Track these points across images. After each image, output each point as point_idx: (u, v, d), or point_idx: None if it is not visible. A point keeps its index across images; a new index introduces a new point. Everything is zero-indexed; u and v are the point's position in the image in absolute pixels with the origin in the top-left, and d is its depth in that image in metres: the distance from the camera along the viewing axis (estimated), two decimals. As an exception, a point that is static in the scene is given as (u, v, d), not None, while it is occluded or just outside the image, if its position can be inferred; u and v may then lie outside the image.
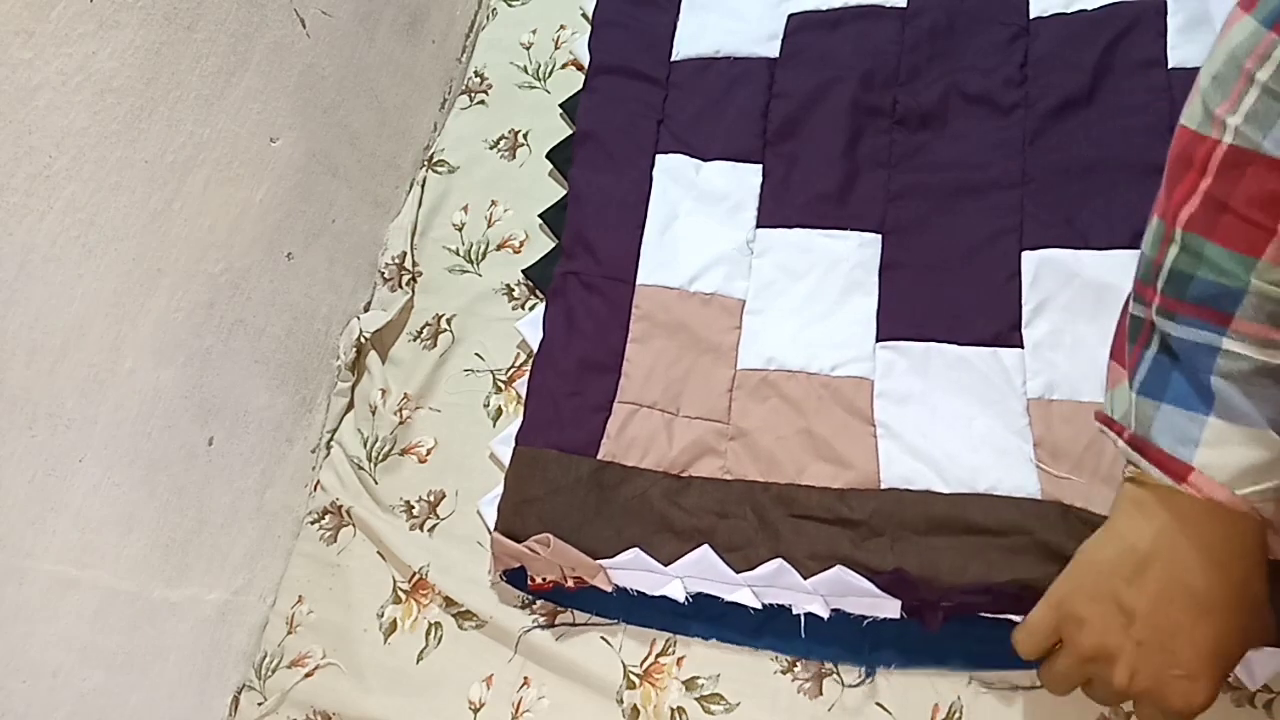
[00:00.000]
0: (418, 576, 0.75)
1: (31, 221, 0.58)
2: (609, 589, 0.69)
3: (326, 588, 0.78)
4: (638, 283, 0.81)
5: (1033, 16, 0.83)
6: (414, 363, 0.86)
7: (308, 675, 0.75)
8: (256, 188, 0.77)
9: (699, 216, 0.83)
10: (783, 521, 0.69)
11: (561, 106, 0.94)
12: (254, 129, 0.76)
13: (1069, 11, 0.82)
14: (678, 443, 0.74)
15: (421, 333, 0.88)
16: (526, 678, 0.70)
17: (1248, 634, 0.49)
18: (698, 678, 0.67)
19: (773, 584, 0.66)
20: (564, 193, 0.89)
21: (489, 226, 0.91)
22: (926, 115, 0.82)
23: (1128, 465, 0.51)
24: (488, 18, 1.04)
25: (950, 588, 0.62)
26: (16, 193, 0.57)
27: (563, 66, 0.97)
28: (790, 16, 0.90)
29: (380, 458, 0.83)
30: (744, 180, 0.84)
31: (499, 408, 0.82)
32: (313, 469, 0.85)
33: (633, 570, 0.69)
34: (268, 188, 0.78)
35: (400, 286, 0.89)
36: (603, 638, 0.70)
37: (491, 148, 0.95)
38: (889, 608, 0.64)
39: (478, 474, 0.78)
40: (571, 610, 0.71)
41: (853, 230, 0.79)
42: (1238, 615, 0.48)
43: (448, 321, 0.87)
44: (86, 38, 0.60)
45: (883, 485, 0.69)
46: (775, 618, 0.66)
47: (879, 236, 0.79)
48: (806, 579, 0.65)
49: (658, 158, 0.86)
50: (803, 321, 0.77)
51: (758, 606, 0.66)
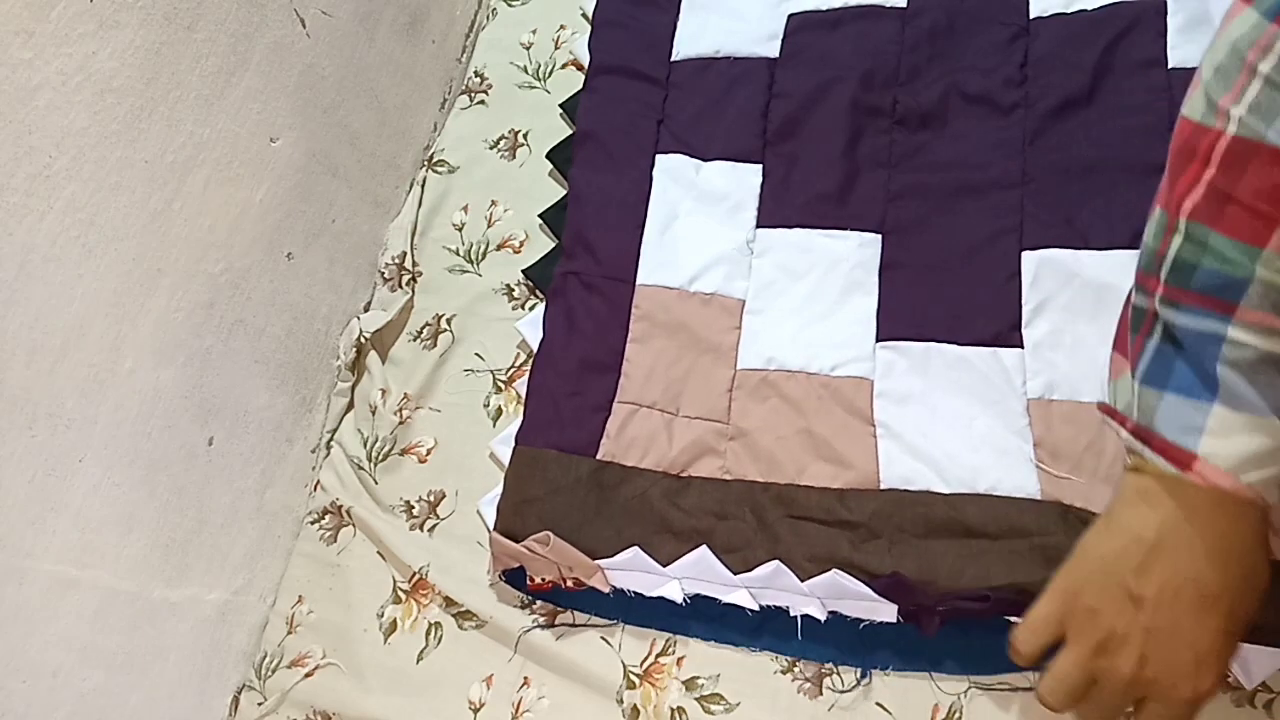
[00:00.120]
0: (418, 576, 0.75)
1: (31, 221, 0.58)
2: (607, 589, 0.69)
3: (326, 588, 0.78)
4: (638, 283, 0.81)
5: (1033, 16, 0.83)
6: (414, 363, 0.86)
7: (308, 675, 0.75)
8: (256, 188, 0.77)
9: (699, 216, 0.83)
10: (781, 523, 0.69)
11: (561, 106, 0.94)
12: (254, 129, 0.76)
13: (1069, 11, 0.82)
14: (677, 443, 0.74)
15: (421, 333, 0.88)
16: (526, 678, 0.70)
17: (1250, 620, 0.49)
18: (698, 678, 0.67)
19: (770, 586, 0.66)
20: (564, 193, 0.89)
21: (489, 226, 0.91)
22: (926, 115, 0.82)
23: (1130, 455, 0.51)
24: (488, 18, 1.04)
25: (947, 592, 0.62)
26: (16, 193, 0.57)
27: (563, 66, 0.97)
28: (790, 16, 0.90)
29: (380, 458, 0.83)
30: (744, 180, 0.84)
31: (499, 408, 0.82)
32: (313, 469, 0.85)
33: (631, 571, 0.69)
34: (268, 188, 0.78)
35: (400, 286, 0.89)
36: (602, 638, 0.70)
37: (491, 148, 0.95)
38: (886, 612, 0.64)
39: (478, 474, 0.78)
40: (571, 610, 0.71)
41: (853, 230, 0.79)
42: (1243, 601, 0.48)
43: (448, 321, 0.87)
44: (86, 38, 0.60)
45: (883, 485, 0.69)
46: (774, 619, 0.66)
47: (879, 236, 0.79)
48: (804, 581, 0.65)
49: (658, 158, 0.87)
50: (803, 321, 0.77)
51: (755, 608, 0.66)
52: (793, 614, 0.65)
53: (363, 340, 0.87)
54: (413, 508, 0.79)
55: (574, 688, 0.69)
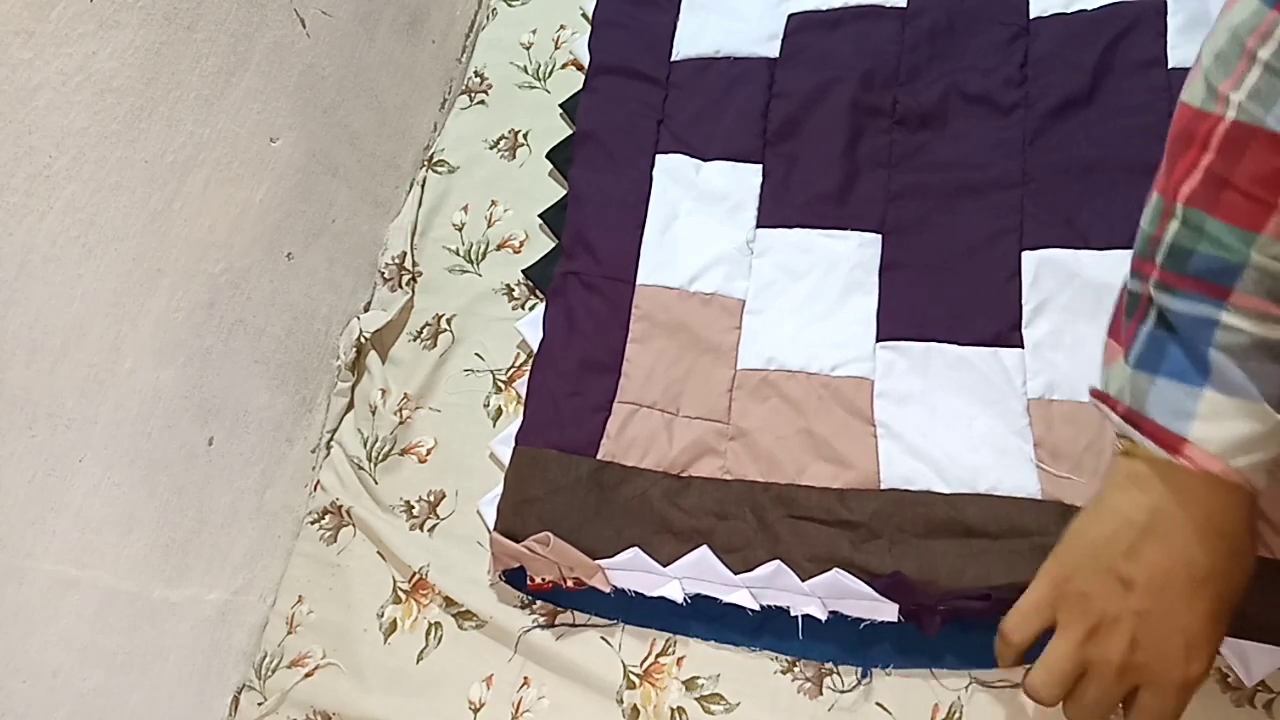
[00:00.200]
0: (418, 576, 0.75)
1: (31, 221, 0.58)
2: (607, 589, 0.69)
3: (326, 588, 0.78)
4: (638, 283, 0.81)
5: (1033, 16, 0.83)
6: (414, 363, 0.86)
7: (308, 675, 0.75)
8: (256, 188, 0.77)
9: (699, 216, 0.83)
10: (781, 523, 0.69)
11: (561, 106, 0.94)
12: (254, 129, 0.76)
13: (1069, 11, 0.82)
14: (678, 443, 0.74)
15: (421, 333, 0.88)
16: (526, 678, 0.70)
17: (1239, 603, 0.49)
18: (698, 678, 0.67)
19: (770, 586, 0.66)
20: (564, 193, 0.89)
21: (489, 226, 0.91)
22: (926, 115, 0.82)
23: (1121, 441, 0.51)
24: (488, 18, 1.04)
25: (948, 591, 0.62)
26: (16, 193, 0.57)
27: (563, 66, 0.97)
28: (790, 16, 0.90)
29: (380, 458, 0.83)
30: (744, 180, 0.84)
31: (499, 408, 0.82)
32: (313, 469, 0.85)
33: (632, 571, 0.69)
34: (268, 188, 0.78)
35: (400, 286, 0.89)
36: (602, 638, 0.70)
37: (491, 148, 0.95)
38: (887, 611, 0.64)
39: (478, 474, 0.78)
40: (571, 610, 0.71)
41: (853, 230, 0.79)
42: (1231, 584, 0.48)
43: (448, 321, 0.87)
44: (86, 38, 0.60)
45: (883, 485, 0.69)
46: (774, 618, 0.66)
47: (879, 236, 0.79)
48: (804, 581, 0.65)
49: (658, 158, 0.87)
50: (803, 321, 0.77)
51: (755, 608, 0.66)
52: (793, 614, 0.65)
53: (363, 340, 0.87)
54: (413, 508, 0.79)
55: (574, 688, 0.69)
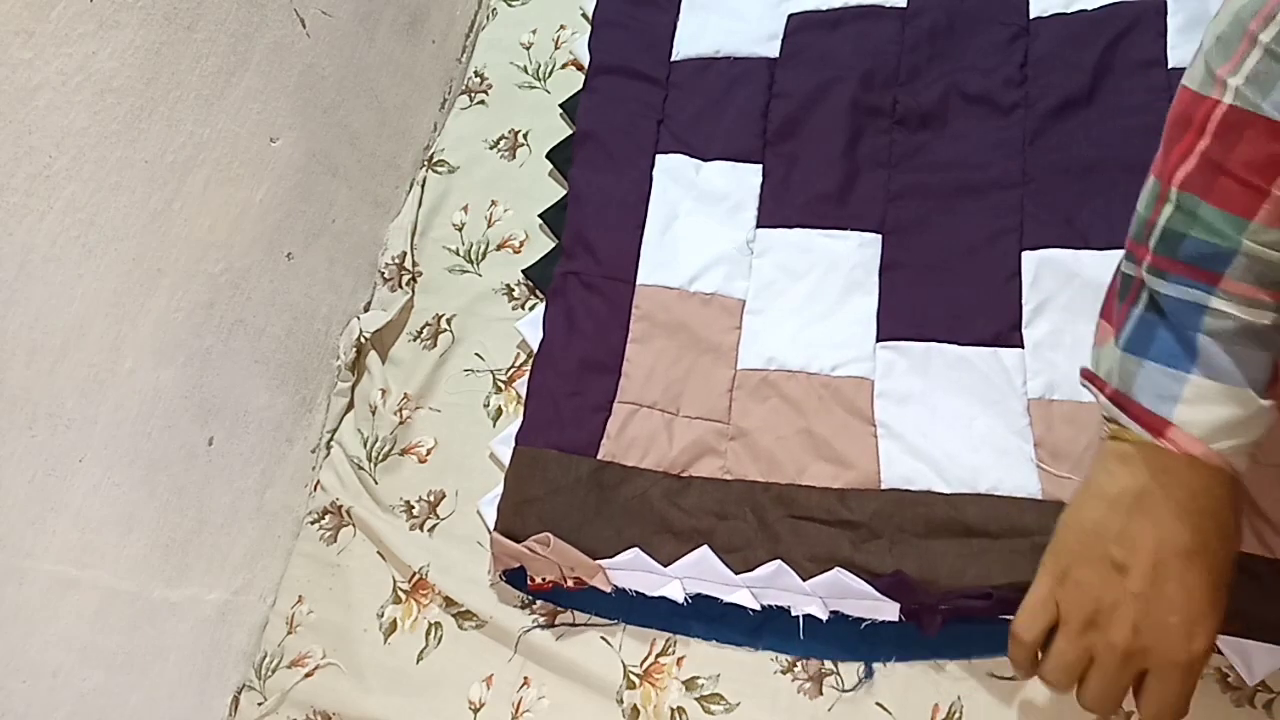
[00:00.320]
0: (418, 576, 0.75)
1: (31, 221, 0.58)
2: (608, 589, 0.69)
3: (326, 588, 0.78)
4: (638, 283, 0.81)
5: (1033, 16, 0.83)
6: (414, 363, 0.86)
7: (308, 675, 0.75)
8: (256, 188, 0.77)
9: (699, 216, 0.83)
10: (782, 523, 0.69)
11: (561, 106, 0.94)
12: (254, 129, 0.76)
13: (1069, 11, 0.82)
14: (678, 443, 0.74)
15: (421, 333, 0.88)
16: (526, 678, 0.70)
17: (1230, 578, 0.49)
18: (698, 678, 0.67)
19: (771, 585, 0.66)
20: (564, 193, 0.89)
21: (489, 226, 0.91)
22: (926, 115, 0.82)
23: (1108, 424, 0.51)
24: (488, 18, 1.04)
25: (949, 591, 0.62)
26: (16, 193, 0.57)
27: (563, 66, 0.97)
28: (790, 16, 0.90)
29: (380, 458, 0.83)
30: (744, 180, 0.84)
31: (499, 408, 0.82)
32: (313, 469, 0.85)
33: (632, 571, 0.69)
34: (268, 188, 0.78)
35: (400, 286, 0.89)
36: (603, 638, 0.70)
37: (491, 148, 0.95)
38: (888, 611, 0.64)
39: (478, 474, 0.78)
40: (571, 610, 0.71)
41: (853, 230, 0.79)
42: (1220, 559, 0.48)
43: (448, 321, 0.87)
44: (86, 38, 0.60)
45: (883, 485, 0.69)
46: (774, 618, 0.66)
47: (879, 236, 0.79)
48: (805, 581, 0.65)
49: (658, 158, 0.87)
50: (803, 321, 0.77)
51: (756, 608, 0.66)
52: (794, 614, 0.65)
53: (363, 340, 0.87)
54: (413, 508, 0.79)
55: (574, 688, 0.69)
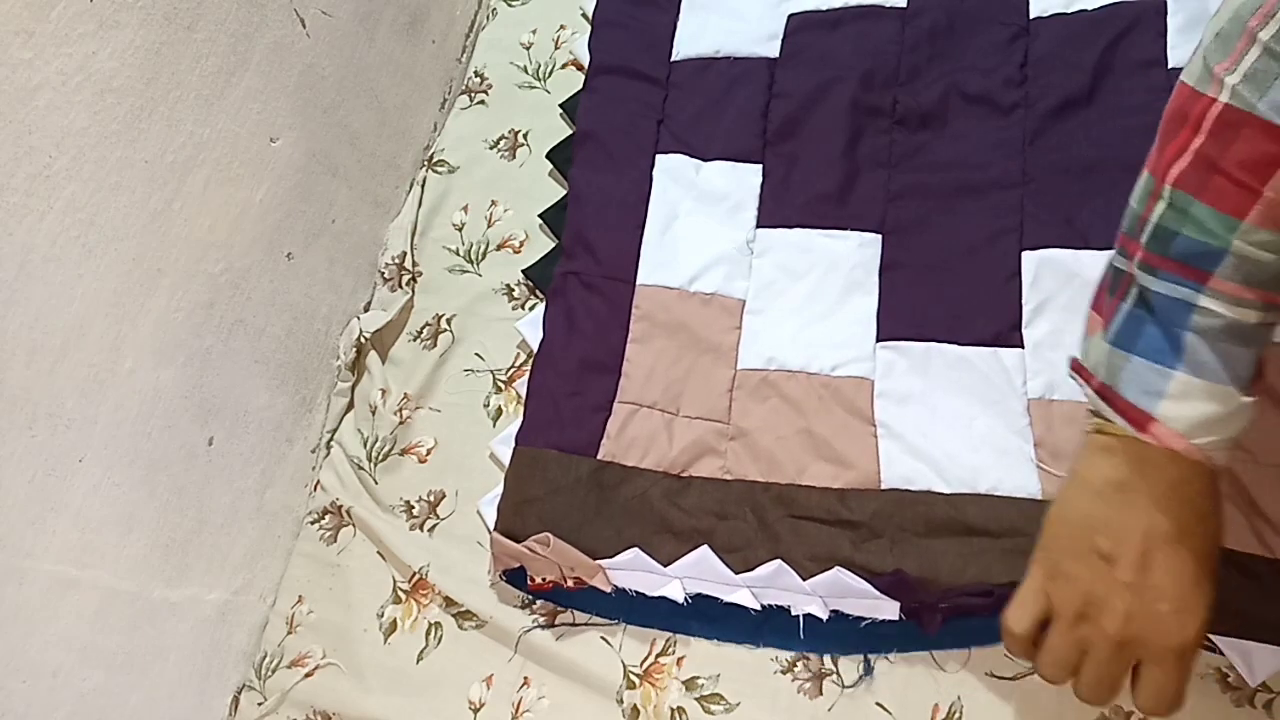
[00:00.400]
0: (418, 576, 0.75)
1: (31, 221, 0.58)
2: (608, 589, 0.69)
3: (326, 588, 0.78)
4: (638, 283, 0.81)
5: (1033, 16, 0.83)
6: (414, 363, 0.86)
7: (308, 675, 0.75)
8: (256, 188, 0.77)
9: (699, 216, 0.83)
10: (782, 523, 0.69)
11: (561, 106, 0.94)
12: (254, 129, 0.76)
13: (1069, 11, 0.82)
14: (678, 443, 0.74)
15: (421, 333, 0.88)
16: (526, 678, 0.70)
17: (1215, 563, 0.50)
18: (698, 678, 0.67)
19: (772, 585, 0.66)
20: (564, 193, 0.89)
21: (489, 226, 0.91)
22: (926, 115, 0.82)
23: (1092, 416, 0.52)
24: (488, 18, 1.04)
25: (948, 589, 0.62)
26: (16, 193, 0.57)
27: (563, 66, 0.97)
28: (790, 16, 0.90)
29: (380, 458, 0.83)
30: (744, 180, 0.84)
31: (499, 408, 0.82)
32: (313, 469, 0.85)
33: (632, 570, 0.69)
34: (268, 188, 0.78)
35: (400, 286, 0.89)
36: (603, 638, 0.70)
37: (491, 148, 0.95)
38: (888, 609, 0.64)
39: (478, 474, 0.78)
40: (571, 610, 0.71)
41: (853, 230, 0.79)
42: (1204, 543, 0.49)
43: (448, 321, 0.87)
44: (86, 38, 0.60)
45: (883, 485, 0.69)
46: (775, 618, 0.66)
47: (879, 236, 0.79)
48: (805, 580, 0.65)
49: (658, 158, 0.87)
50: (803, 321, 0.77)
51: (756, 607, 0.66)
52: (795, 613, 0.65)
53: (363, 340, 0.87)
54: (413, 508, 0.79)
55: (574, 688, 0.69)
